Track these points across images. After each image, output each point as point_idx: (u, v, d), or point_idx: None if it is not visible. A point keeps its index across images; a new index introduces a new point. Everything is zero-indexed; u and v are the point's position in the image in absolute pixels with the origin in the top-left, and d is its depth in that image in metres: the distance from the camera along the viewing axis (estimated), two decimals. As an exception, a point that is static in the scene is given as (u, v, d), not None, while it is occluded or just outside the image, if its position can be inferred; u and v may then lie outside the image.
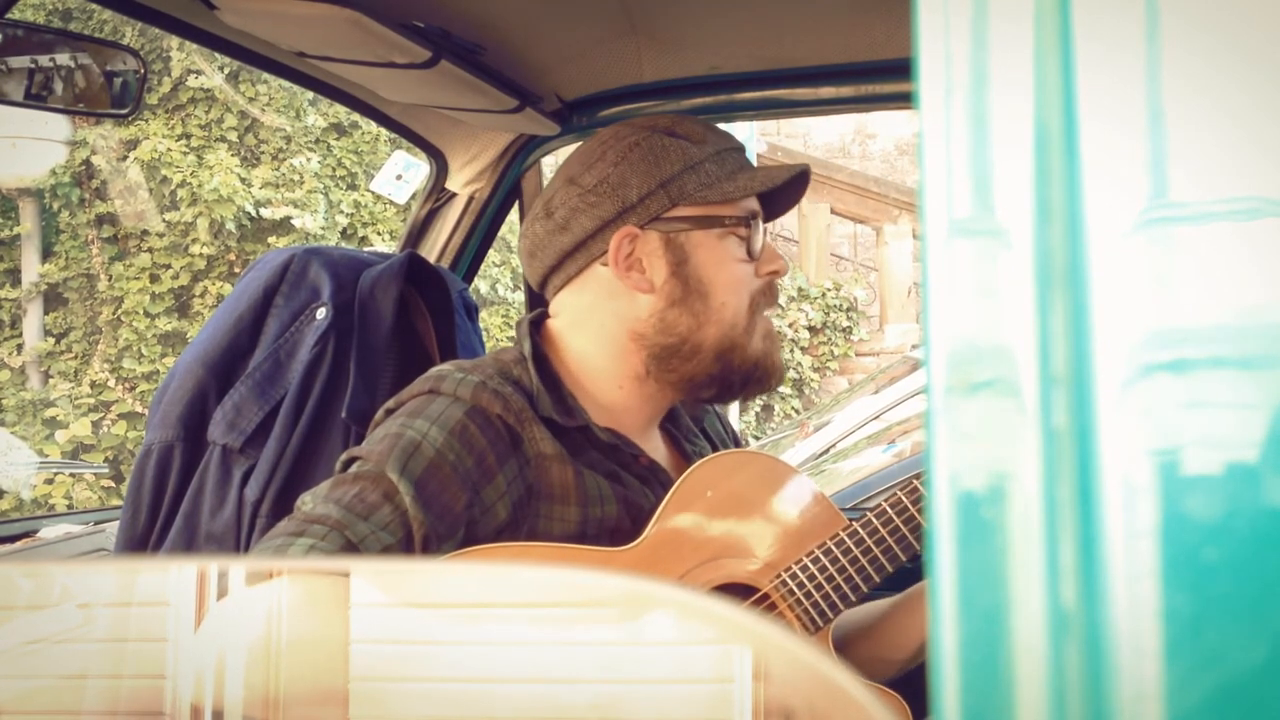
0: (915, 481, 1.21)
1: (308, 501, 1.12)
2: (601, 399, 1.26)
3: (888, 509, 1.20)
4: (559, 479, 1.19)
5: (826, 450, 4.40)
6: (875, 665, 1.30)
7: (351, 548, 1.07)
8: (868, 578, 1.19)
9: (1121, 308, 0.43)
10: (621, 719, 0.47)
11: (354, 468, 1.14)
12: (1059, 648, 0.42)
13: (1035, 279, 0.44)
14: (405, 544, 1.10)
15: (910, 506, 1.20)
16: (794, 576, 1.19)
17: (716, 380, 1.25)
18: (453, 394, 1.17)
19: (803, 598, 1.19)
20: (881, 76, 1.71)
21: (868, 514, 1.21)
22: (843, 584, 1.19)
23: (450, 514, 1.12)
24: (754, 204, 1.27)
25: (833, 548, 1.19)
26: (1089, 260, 0.43)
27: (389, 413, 1.21)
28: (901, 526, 1.20)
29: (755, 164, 1.29)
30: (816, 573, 1.19)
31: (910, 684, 1.17)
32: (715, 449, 1.41)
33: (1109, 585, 0.42)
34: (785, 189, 1.28)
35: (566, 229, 1.24)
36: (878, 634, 1.32)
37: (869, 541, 1.20)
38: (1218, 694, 0.41)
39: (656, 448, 1.32)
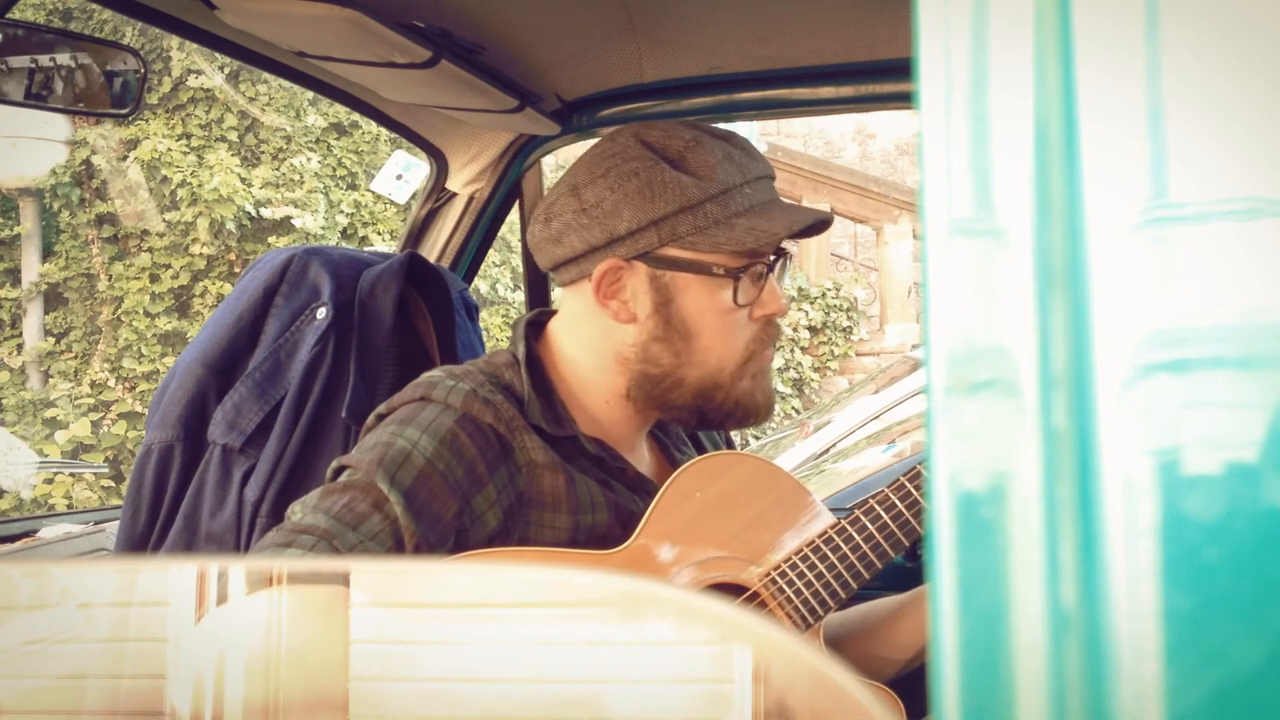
0: (904, 479, 1.21)
1: (297, 511, 1.12)
2: (591, 409, 1.25)
3: (876, 506, 1.20)
4: (550, 487, 1.18)
5: (826, 450, 4.40)
6: (876, 664, 1.30)
7: None
8: (857, 575, 1.20)
9: (1121, 308, 0.43)
10: (620, 719, 0.47)
11: (343, 477, 1.14)
12: (1059, 648, 0.42)
13: (1035, 279, 0.44)
14: (394, 554, 1.10)
15: (899, 503, 1.20)
16: (783, 575, 1.19)
17: (694, 413, 1.24)
18: (443, 402, 1.17)
19: (793, 596, 1.19)
20: (881, 76, 1.71)
21: (856, 511, 1.21)
22: (832, 581, 1.19)
23: (440, 523, 1.12)
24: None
25: (821, 546, 1.20)
26: (1089, 260, 0.43)
27: (380, 418, 1.21)
28: (890, 523, 1.20)
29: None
30: (806, 571, 1.19)
31: (910, 684, 1.17)
32: (705, 453, 1.41)
33: (1109, 585, 0.42)
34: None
35: (559, 242, 1.21)
36: (880, 633, 1.32)
37: (858, 539, 1.20)
38: (1218, 694, 0.41)
39: (643, 458, 1.31)
